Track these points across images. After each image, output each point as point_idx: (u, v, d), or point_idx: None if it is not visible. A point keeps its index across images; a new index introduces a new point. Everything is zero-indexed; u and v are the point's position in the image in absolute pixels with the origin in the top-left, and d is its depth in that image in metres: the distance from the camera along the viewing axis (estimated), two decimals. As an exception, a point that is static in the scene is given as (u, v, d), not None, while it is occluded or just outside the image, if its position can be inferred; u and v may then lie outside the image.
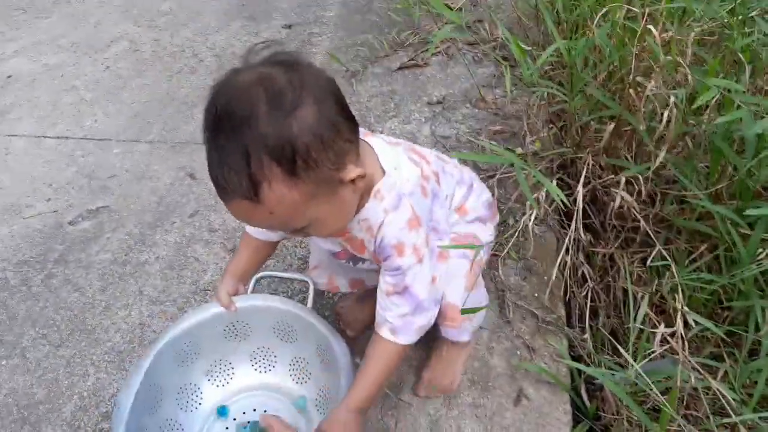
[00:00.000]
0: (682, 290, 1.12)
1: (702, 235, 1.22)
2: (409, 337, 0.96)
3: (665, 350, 1.06)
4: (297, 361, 1.15)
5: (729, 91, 1.05)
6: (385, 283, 0.95)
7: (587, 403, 1.17)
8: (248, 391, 1.15)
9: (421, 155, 1.00)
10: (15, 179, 1.81)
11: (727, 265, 1.16)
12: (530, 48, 1.60)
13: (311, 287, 1.13)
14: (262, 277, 1.15)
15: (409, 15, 2.28)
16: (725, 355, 1.13)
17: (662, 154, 1.05)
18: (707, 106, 1.11)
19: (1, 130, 2.01)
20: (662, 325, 1.07)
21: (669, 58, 1.05)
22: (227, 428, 1.10)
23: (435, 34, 1.18)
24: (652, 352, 1.05)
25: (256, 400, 1.14)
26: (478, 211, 1.13)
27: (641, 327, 1.07)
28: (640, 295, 1.14)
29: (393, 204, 0.89)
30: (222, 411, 1.12)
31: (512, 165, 1.07)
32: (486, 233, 1.14)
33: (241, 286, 1.11)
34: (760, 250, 1.08)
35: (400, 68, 2.13)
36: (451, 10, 2.24)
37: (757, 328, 1.06)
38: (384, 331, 0.95)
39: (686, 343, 1.04)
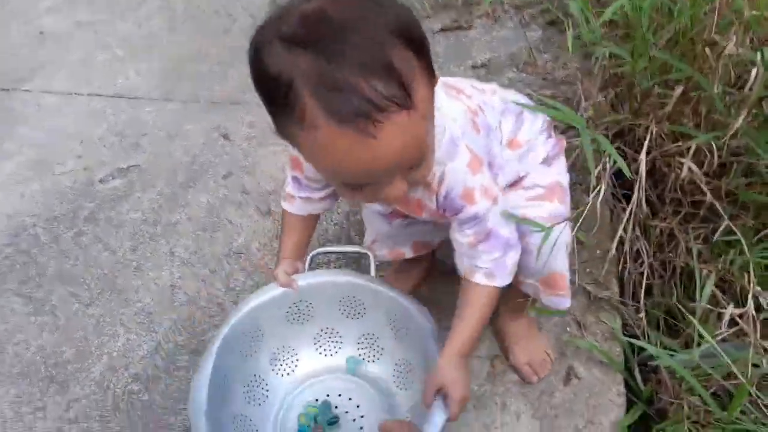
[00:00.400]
0: (753, 268, 1.03)
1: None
2: (504, 278, 0.89)
3: (734, 332, 0.98)
4: (366, 338, 1.08)
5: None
6: (464, 236, 0.87)
7: (641, 385, 1.09)
8: (315, 377, 1.08)
9: (458, 89, 0.90)
10: (47, 136, 1.77)
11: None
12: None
13: (371, 258, 1.06)
14: (317, 254, 1.08)
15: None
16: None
17: (740, 120, 0.96)
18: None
19: (34, 86, 1.97)
20: (731, 305, 0.98)
21: (755, 12, 0.95)
22: (300, 415, 1.03)
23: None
24: (719, 333, 0.97)
25: (325, 386, 1.07)
26: (537, 144, 0.99)
27: (709, 307, 0.99)
28: (705, 272, 1.06)
29: (447, 151, 0.80)
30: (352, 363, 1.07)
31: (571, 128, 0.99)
32: (565, 177, 1.01)
33: (299, 264, 1.03)
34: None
35: (442, 30, 2.03)
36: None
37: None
38: (479, 277, 0.88)
39: (758, 324, 0.96)
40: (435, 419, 0.83)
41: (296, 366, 1.08)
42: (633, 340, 1.06)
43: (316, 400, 1.05)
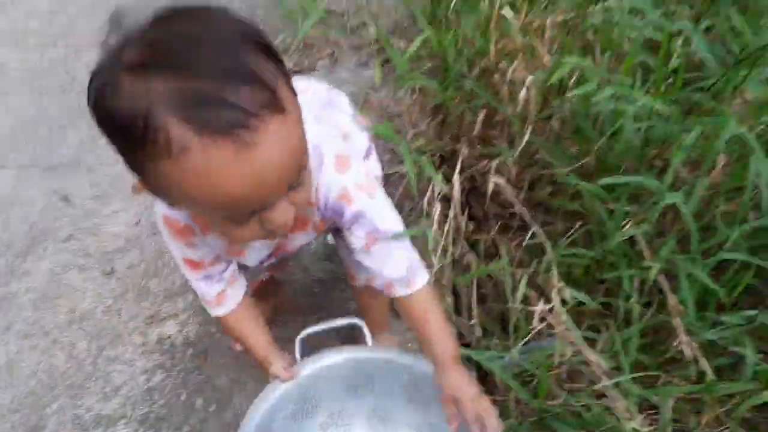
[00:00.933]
0: (558, 268, 1.15)
1: (575, 214, 1.25)
2: (423, 272, 0.86)
3: (545, 327, 1.08)
4: (375, 412, 1.04)
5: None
6: (358, 239, 0.83)
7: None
8: None
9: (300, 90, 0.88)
10: None
11: (599, 240, 1.19)
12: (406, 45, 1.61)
13: (365, 328, 0.99)
14: (305, 336, 1.00)
15: (294, 21, 2.25)
16: (605, 327, 1.16)
17: (526, 136, 1.07)
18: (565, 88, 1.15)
19: None
20: (541, 302, 1.08)
21: (527, 40, 1.07)
22: None
23: (302, 27, 1.15)
24: (533, 329, 1.06)
25: None
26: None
27: (523, 306, 1.08)
28: (518, 276, 1.16)
29: (313, 159, 0.71)
30: None
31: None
32: (378, 167, 1.04)
33: (286, 354, 0.96)
34: (625, 221, 1.13)
35: (285, 75, 2.09)
36: (335, 13, 2.25)
37: (628, 297, 1.10)
38: (400, 290, 0.85)
39: (562, 320, 1.06)
40: None
41: None
42: (462, 350, 1.14)
43: None
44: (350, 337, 1.03)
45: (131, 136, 0.55)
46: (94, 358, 1.24)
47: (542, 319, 1.08)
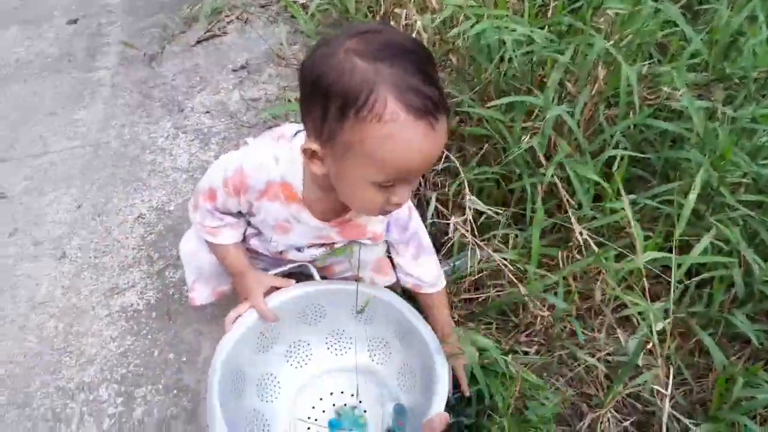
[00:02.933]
0: (474, 185, 1.30)
1: (483, 137, 1.40)
2: (443, 276, 1.14)
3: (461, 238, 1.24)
4: (375, 341, 1.16)
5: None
6: (407, 251, 1.10)
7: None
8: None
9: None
10: None
11: (504, 156, 1.35)
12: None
13: (312, 268, 1.13)
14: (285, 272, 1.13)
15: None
16: (515, 235, 1.33)
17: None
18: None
19: None
20: (453, 216, 1.23)
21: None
22: (311, 418, 1.11)
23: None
24: (448, 239, 1.22)
25: (336, 381, 1.15)
26: None
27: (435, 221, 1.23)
28: (430, 195, 1.30)
29: None
30: (334, 424, 1.11)
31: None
32: None
33: (269, 277, 1.11)
34: (524, 137, 1.28)
35: (198, 42, 2.13)
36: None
37: (532, 202, 1.26)
38: (428, 289, 1.12)
39: (476, 228, 1.22)
40: None
41: (309, 359, 1.16)
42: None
43: (331, 393, 1.14)
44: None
45: (354, 101, 0.74)
46: (65, 336, 1.33)
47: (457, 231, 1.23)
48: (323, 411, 1.12)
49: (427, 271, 1.12)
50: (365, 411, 1.12)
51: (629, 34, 1.24)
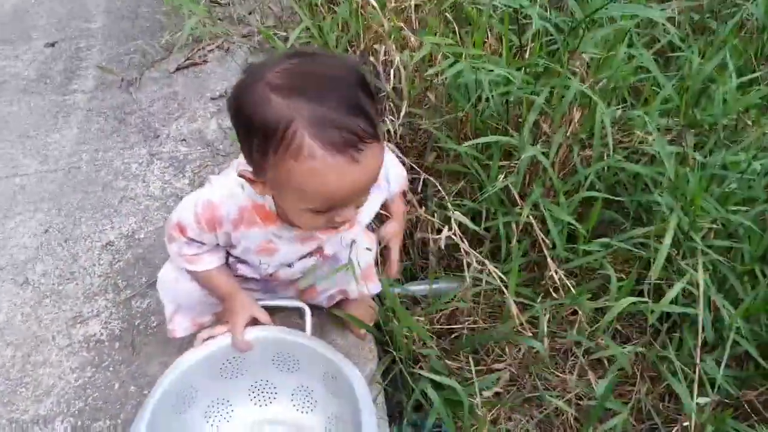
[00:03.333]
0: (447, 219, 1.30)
1: (460, 174, 1.40)
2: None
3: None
4: (300, 390, 1.12)
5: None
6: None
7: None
8: (252, 427, 1.11)
9: None
10: None
11: (480, 193, 1.35)
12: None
13: (307, 312, 1.11)
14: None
15: (179, 15, 2.27)
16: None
17: (404, 108, 1.20)
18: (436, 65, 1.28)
19: None
20: (443, 231, 1.22)
21: (392, 23, 1.20)
22: None
23: (184, 27, 1.21)
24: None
25: None
26: None
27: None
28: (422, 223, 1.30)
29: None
30: None
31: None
32: None
33: (256, 308, 1.08)
34: (500, 175, 1.29)
35: (178, 69, 2.12)
36: (220, 4, 2.29)
37: (508, 238, 1.26)
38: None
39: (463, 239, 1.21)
40: None
41: (231, 417, 1.11)
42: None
43: None
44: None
45: (272, 138, 0.75)
46: (22, 365, 1.27)
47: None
48: None
49: (397, 173, 1.15)
50: None
51: (603, 78, 1.26)
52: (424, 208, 1.33)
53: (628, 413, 1.11)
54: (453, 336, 1.27)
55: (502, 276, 1.14)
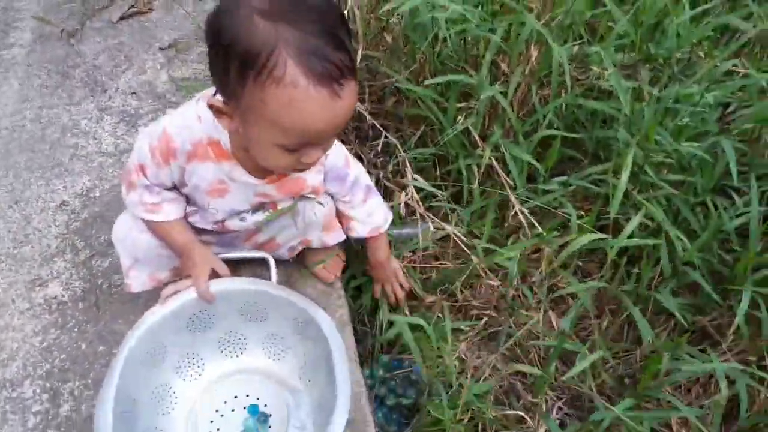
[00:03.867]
0: (412, 165, 1.29)
1: (420, 117, 1.39)
2: (387, 214, 1.17)
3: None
4: (270, 338, 1.11)
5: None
6: (356, 197, 1.10)
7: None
8: (224, 378, 1.11)
9: None
10: None
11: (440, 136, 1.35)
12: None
13: (271, 262, 1.10)
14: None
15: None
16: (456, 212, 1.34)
17: (360, 49, 1.17)
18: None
19: None
20: (402, 193, 1.23)
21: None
22: (213, 422, 1.06)
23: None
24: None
25: (235, 387, 1.10)
26: None
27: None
28: (376, 174, 1.30)
29: None
30: (253, 410, 1.07)
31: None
32: None
33: (213, 258, 1.06)
34: (460, 117, 1.28)
35: (122, 18, 2.02)
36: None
37: (469, 181, 1.27)
38: (385, 227, 1.15)
39: (420, 203, 1.22)
40: None
41: (203, 371, 1.11)
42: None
43: (225, 402, 1.08)
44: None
45: (254, 63, 0.71)
46: (-16, 334, 1.25)
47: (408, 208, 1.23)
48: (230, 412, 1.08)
49: (377, 212, 1.14)
50: (270, 415, 1.07)
51: (559, 14, 1.25)
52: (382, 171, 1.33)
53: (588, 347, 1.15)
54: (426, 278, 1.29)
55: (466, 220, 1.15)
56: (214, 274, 1.06)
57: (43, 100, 1.75)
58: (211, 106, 0.82)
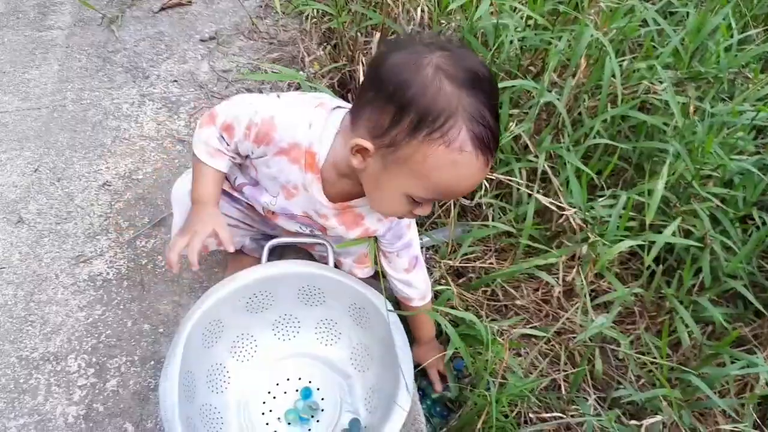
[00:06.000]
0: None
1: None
2: (430, 290, 1.15)
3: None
4: (324, 323, 1.13)
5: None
6: (400, 262, 1.08)
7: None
8: (276, 361, 1.12)
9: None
10: None
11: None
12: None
13: (329, 247, 1.10)
14: (274, 246, 1.10)
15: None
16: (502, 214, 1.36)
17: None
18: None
19: None
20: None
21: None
22: (265, 403, 1.07)
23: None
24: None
25: (287, 370, 1.11)
26: None
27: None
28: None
29: None
30: (306, 393, 1.08)
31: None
32: None
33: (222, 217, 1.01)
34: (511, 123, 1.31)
35: (162, 9, 2.04)
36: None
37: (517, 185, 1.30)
38: (418, 303, 1.12)
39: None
40: None
41: (255, 352, 1.11)
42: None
43: (277, 384, 1.10)
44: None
45: (431, 121, 0.75)
46: (26, 303, 1.24)
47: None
48: (282, 394, 1.09)
49: (417, 284, 1.12)
50: (323, 399, 1.08)
51: (615, 28, 1.29)
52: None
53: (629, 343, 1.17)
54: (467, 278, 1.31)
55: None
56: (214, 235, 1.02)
57: (83, 82, 1.76)
58: (355, 146, 0.82)
